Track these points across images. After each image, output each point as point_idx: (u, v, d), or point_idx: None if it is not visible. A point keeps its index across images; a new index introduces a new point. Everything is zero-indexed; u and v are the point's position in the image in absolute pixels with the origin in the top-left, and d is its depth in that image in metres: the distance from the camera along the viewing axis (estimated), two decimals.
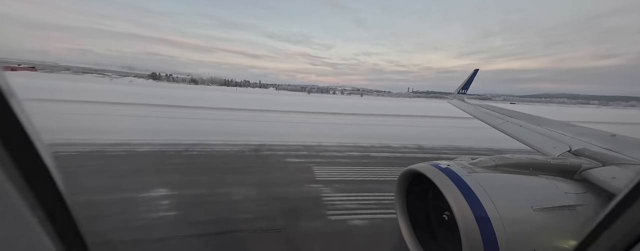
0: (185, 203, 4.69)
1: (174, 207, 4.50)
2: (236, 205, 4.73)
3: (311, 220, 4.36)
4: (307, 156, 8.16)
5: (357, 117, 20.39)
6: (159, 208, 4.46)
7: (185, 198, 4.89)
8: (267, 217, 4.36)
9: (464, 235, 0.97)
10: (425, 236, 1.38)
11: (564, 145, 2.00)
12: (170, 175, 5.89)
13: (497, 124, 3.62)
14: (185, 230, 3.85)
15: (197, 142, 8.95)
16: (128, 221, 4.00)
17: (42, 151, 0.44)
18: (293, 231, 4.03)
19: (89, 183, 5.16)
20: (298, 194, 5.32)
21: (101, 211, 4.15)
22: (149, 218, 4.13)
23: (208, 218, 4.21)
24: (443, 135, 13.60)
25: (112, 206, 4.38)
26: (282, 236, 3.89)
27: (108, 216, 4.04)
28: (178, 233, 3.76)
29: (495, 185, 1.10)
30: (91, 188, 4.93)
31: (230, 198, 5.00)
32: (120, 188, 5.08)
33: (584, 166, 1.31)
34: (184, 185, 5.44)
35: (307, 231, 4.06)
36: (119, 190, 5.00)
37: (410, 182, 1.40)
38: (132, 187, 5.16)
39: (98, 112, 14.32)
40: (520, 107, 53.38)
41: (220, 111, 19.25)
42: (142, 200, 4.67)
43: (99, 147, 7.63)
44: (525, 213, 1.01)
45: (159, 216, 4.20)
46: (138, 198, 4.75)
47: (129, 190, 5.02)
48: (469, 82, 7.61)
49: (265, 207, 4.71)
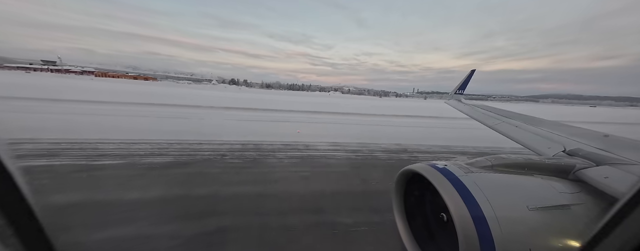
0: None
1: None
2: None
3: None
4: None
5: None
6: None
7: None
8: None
9: (460, 234, 0.98)
10: (423, 236, 1.40)
11: (558, 145, 2.03)
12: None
13: (493, 124, 3.65)
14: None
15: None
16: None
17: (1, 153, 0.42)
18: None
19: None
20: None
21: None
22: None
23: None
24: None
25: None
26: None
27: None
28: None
29: (492, 185, 1.12)
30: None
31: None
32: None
33: (578, 166, 1.33)
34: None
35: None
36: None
37: (407, 182, 1.41)
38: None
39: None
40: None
41: (386, 118, 21.68)
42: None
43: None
44: (521, 213, 1.03)
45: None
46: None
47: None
48: (466, 83, 7.66)
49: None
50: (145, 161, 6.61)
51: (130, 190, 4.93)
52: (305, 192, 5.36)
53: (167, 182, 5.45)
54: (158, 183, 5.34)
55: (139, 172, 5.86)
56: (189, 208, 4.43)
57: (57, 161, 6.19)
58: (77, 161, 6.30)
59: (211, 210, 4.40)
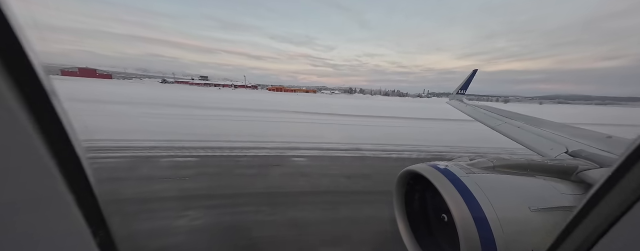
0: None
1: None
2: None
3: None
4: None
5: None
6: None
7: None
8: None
9: (462, 235, 0.98)
10: (424, 237, 1.39)
11: (561, 147, 2.02)
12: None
13: (495, 125, 3.64)
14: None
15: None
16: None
17: (77, 148, 0.53)
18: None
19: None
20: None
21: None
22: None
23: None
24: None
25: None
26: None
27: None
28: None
29: (493, 186, 1.11)
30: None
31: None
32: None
33: (581, 167, 1.32)
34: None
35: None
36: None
37: (408, 182, 1.40)
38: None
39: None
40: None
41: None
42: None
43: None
44: (523, 214, 1.02)
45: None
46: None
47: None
48: (468, 83, 7.64)
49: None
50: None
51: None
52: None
53: None
54: None
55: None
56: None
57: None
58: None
59: None
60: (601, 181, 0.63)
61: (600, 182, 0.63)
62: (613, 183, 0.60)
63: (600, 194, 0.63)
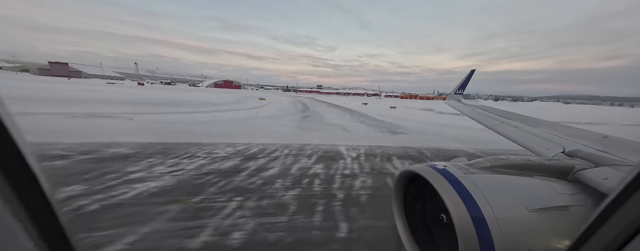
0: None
1: None
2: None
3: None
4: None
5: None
6: None
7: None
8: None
9: (460, 235, 0.98)
10: (423, 237, 1.40)
11: (557, 147, 2.03)
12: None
13: (493, 125, 3.65)
14: None
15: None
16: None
17: (26, 152, 0.43)
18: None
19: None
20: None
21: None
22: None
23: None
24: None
25: None
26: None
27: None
28: None
29: (491, 186, 1.12)
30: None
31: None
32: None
33: (577, 167, 1.34)
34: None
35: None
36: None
37: (407, 183, 1.41)
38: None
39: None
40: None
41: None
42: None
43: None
44: (521, 214, 1.03)
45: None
46: None
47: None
48: (466, 83, 7.67)
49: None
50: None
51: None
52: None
53: None
54: None
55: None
56: None
57: None
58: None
59: None
60: (629, 179, 0.56)
61: (628, 180, 0.57)
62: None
63: (628, 194, 0.56)
